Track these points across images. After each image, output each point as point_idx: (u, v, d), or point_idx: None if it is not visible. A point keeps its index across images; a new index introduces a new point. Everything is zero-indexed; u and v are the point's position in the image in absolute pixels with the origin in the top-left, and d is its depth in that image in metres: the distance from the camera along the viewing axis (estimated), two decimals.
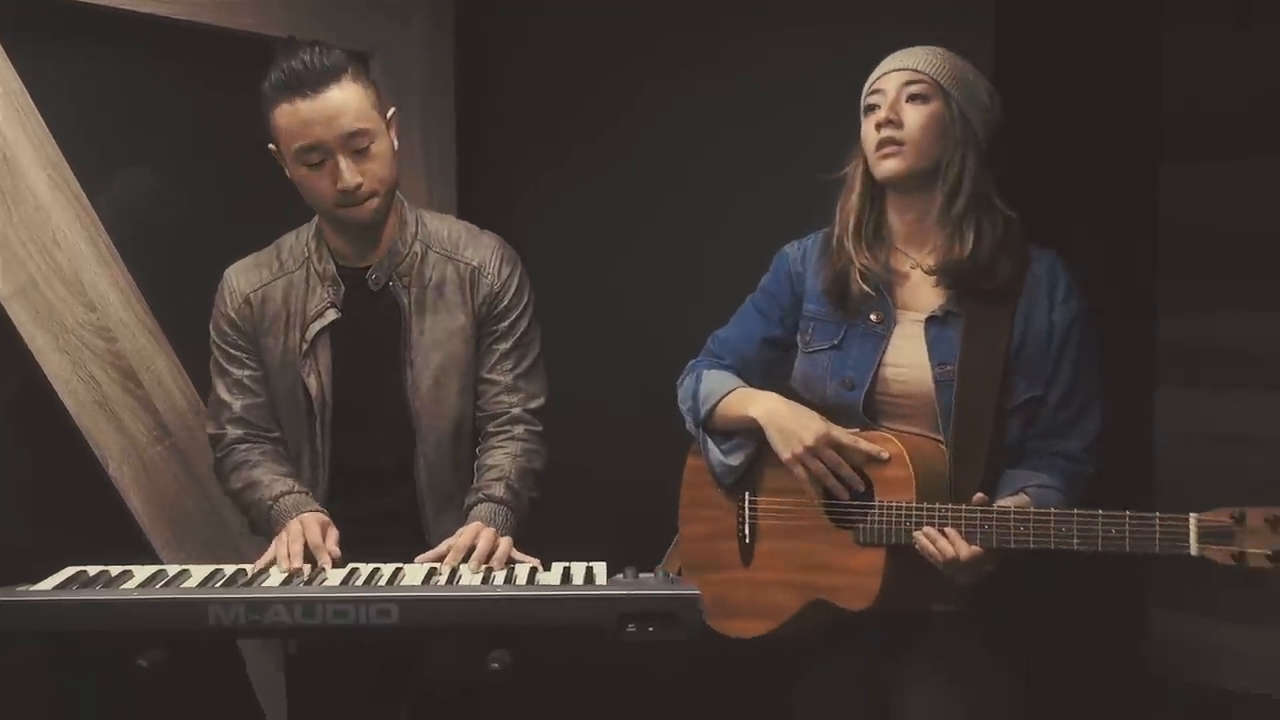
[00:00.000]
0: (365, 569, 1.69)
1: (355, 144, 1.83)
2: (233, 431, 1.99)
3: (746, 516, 1.93)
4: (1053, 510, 1.63)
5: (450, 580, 1.63)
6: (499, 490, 1.91)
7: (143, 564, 1.88)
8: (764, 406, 1.87)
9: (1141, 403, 2.72)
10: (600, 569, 1.63)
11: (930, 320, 1.81)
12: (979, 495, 1.69)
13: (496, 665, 1.44)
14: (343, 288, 1.96)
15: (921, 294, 1.84)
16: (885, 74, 1.84)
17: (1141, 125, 2.69)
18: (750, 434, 1.91)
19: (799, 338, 1.94)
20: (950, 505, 1.70)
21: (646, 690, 2.37)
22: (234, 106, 2.41)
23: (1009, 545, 1.65)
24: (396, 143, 1.93)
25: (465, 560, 1.74)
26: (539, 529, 1.96)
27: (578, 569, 1.64)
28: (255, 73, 2.38)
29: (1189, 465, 2.62)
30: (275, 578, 1.68)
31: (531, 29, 2.75)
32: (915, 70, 1.80)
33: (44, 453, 2.19)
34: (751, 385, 1.95)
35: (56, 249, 2.14)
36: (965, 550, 1.66)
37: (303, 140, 1.82)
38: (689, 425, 1.99)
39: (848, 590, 1.78)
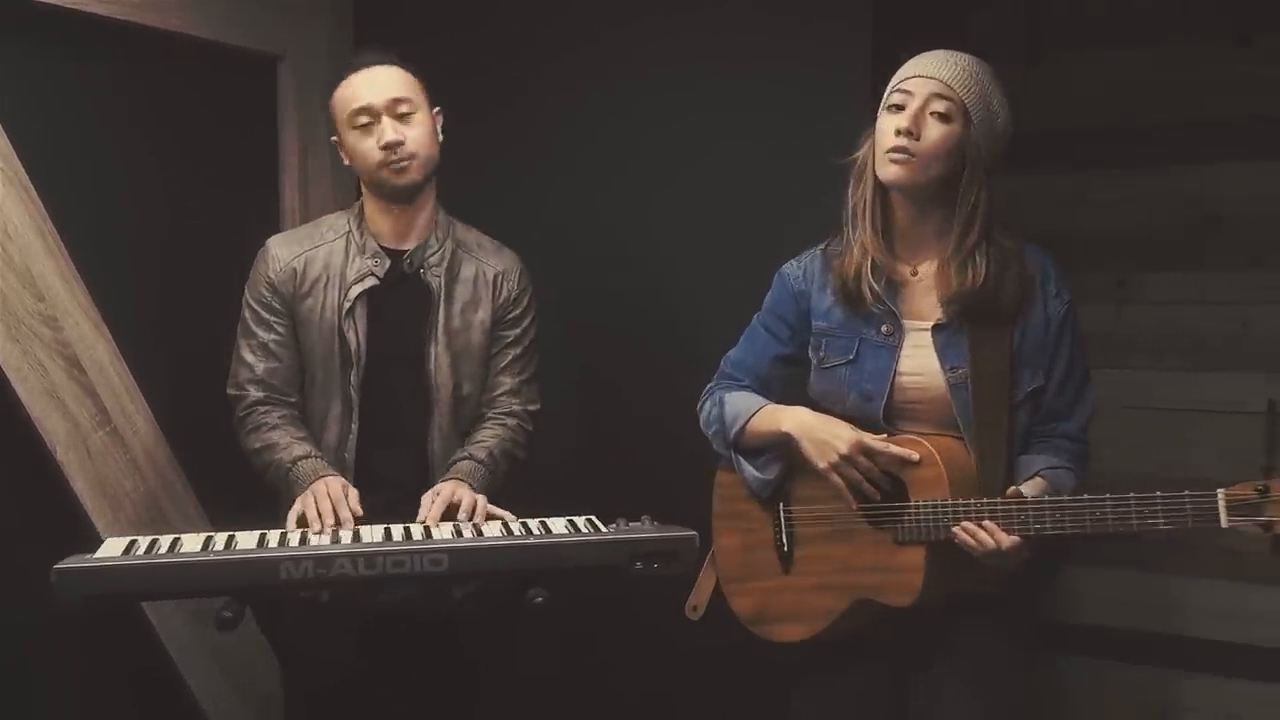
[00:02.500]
0: (397, 528, 1.90)
1: (398, 109, 2.11)
2: (254, 393, 2.17)
3: (783, 525, 2.02)
4: (1086, 496, 1.74)
5: (478, 534, 1.87)
6: (480, 453, 2.18)
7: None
8: (795, 420, 1.95)
9: None
10: (594, 520, 1.91)
11: (937, 328, 1.90)
12: (1012, 489, 1.81)
13: (539, 599, 1.71)
14: (386, 262, 2.17)
15: (924, 302, 1.93)
16: (917, 76, 1.85)
17: None
18: (780, 447, 1.99)
19: (811, 354, 2.01)
20: (985, 500, 1.79)
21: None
22: (165, 103, 2.53)
23: (1046, 532, 1.76)
24: (441, 135, 2.20)
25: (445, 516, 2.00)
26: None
27: (579, 520, 1.91)
28: (182, 71, 2.50)
29: None
30: (317, 537, 1.86)
31: (427, 28, 2.91)
32: (948, 85, 1.83)
33: None
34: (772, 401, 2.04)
35: (9, 240, 2.20)
36: (1006, 541, 1.76)
37: (354, 103, 2.10)
38: (717, 447, 2.07)
39: (892, 588, 1.87)
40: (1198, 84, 2.82)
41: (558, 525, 1.89)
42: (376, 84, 2.12)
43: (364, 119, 2.11)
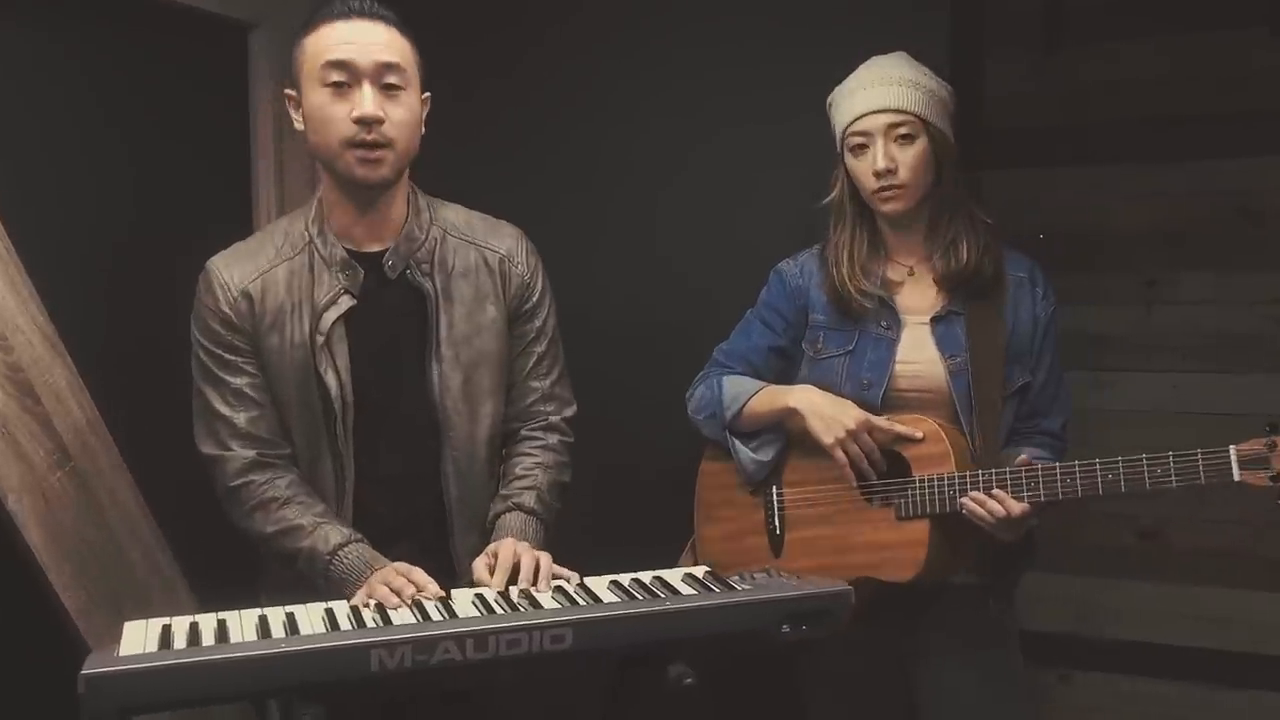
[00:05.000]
0: (489, 593, 1.56)
1: (385, 77, 1.67)
2: (241, 452, 1.73)
3: (776, 509, 2.00)
4: (1098, 460, 1.76)
5: (594, 599, 1.55)
6: (530, 500, 1.81)
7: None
8: (802, 397, 1.96)
9: None
10: (715, 574, 1.62)
11: (935, 320, 1.97)
12: (1023, 457, 1.84)
13: (690, 680, 1.41)
14: (360, 273, 1.76)
15: (921, 296, 1.99)
16: (865, 115, 1.91)
17: (966, 136, 3.00)
18: (778, 429, 1.99)
19: (806, 346, 2.04)
20: (994, 469, 1.83)
21: None
22: (126, 75, 2.15)
23: (1057, 498, 1.78)
24: (424, 127, 1.77)
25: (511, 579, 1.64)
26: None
27: (697, 572, 1.62)
28: (157, 44, 2.16)
29: None
30: (404, 614, 1.51)
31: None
32: (899, 111, 1.89)
33: None
34: None
35: None
36: (1016, 507, 1.79)
37: (332, 55, 1.65)
38: (710, 431, 2.05)
39: (892, 564, 1.88)
40: (1232, 75, 2.72)
41: (675, 580, 1.59)
42: (367, 38, 1.67)
43: (339, 77, 1.65)
